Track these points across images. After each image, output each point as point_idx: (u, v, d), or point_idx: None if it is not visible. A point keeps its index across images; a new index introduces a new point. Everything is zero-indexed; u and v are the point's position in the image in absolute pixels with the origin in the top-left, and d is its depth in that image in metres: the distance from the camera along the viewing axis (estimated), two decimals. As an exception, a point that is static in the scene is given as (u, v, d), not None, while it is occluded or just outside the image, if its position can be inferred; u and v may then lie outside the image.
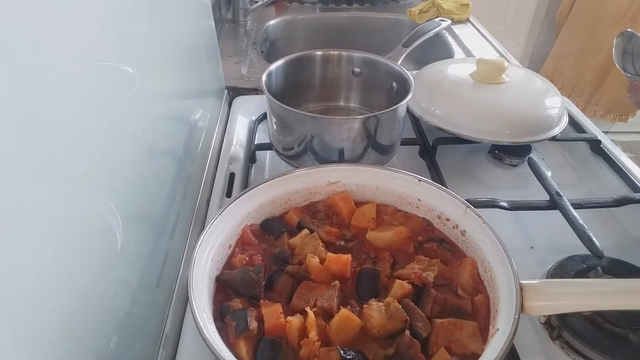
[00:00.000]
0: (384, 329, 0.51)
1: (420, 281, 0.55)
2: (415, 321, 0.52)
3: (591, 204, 0.76)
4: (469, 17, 1.56)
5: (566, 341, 0.60)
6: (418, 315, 0.53)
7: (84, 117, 0.43)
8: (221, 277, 0.58)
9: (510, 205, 0.75)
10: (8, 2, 0.32)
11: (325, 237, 0.62)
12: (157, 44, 0.65)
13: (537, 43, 2.62)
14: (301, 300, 0.55)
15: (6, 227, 0.32)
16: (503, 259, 0.54)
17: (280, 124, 0.81)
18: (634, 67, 0.88)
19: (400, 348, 0.50)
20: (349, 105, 1.00)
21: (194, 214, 0.77)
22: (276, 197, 0.67)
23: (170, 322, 0.61)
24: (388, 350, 0.50)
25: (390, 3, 1.70)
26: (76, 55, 0.42)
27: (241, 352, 0.49)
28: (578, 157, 0.95)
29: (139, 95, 0.56)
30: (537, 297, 0.50)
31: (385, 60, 0.92)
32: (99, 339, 0.45)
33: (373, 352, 0.50)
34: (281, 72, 0.89)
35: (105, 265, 0.46)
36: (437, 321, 0.52)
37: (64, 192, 0.39)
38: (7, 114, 0.32)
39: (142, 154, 0.57)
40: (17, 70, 0.33)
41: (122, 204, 0.50)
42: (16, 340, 0.33)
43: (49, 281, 0.37)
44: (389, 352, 0.50)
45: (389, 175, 0.68)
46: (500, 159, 0.92)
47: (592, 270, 0.65)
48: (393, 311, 0.52)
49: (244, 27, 1.53)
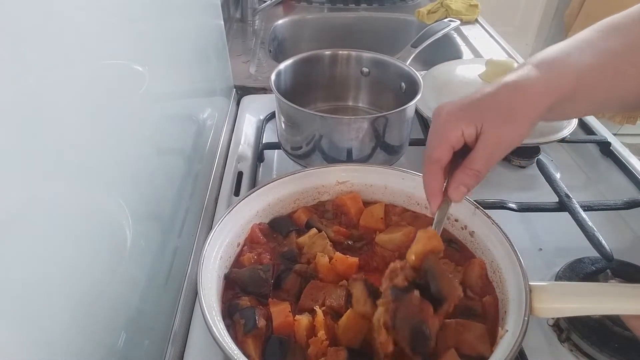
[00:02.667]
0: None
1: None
2: (439, 282, 0.47)
3: (601, 206, 0.76)
4: (477, 18, 1.56)
5: (575, 343, 0.59)
6: (441, 275, 0.48)
7: (94, 116, 0.43)
8: (230, 275, 0.58)
9: (518, 207, 0.74)
10: (20, 2, 0.32)
11: (333, 237, 0.62)
12: (167, 43, 0.66)
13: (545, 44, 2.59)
14: (309, 299, 0.55)
15: (17, 224, 0.32)
16: (512, 260, 0.54)
17: (289, 123, 0.81)
18: None
19: (406, 312, 0.46)
20: (357, 105, 1.00)
21: (202, 212, 0.77)
22: (285, 196, 0.67)
23: (178, 319, 0.62)
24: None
25: (398, 3, 1.70)
26: (87, 54, 0.42)
27: (249, 350, 0.49)
28: (587, 159, 0.95)
29: (148, 93, 0.57)
30: (546, 299, 0.49)
31: (394, 60, 0.91)
32: (108, 335, 0.45)
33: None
34: (290, 71, 0.89)
35: (115, 262, 0.47)
36: (445, 321, 0.52)
37: (75, 189, 0.40)
38: (19, 112, 0.32)
39: (151, 152, 0.57)
40: (29, 69, 0.33)
41: (131, 201, 0.50)
42: (26, 336, 0.33)
43: (59, 278, 0.37)
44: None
45: (398, 175, 0.68)
46: (508, 160, 0.92)
47: (601, 273, 0.64)
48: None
49: (252, 27, 1.53)
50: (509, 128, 0.50)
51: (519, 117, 0.51)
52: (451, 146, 0.51)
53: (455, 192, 0.52)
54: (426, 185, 0.53)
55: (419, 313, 0.47)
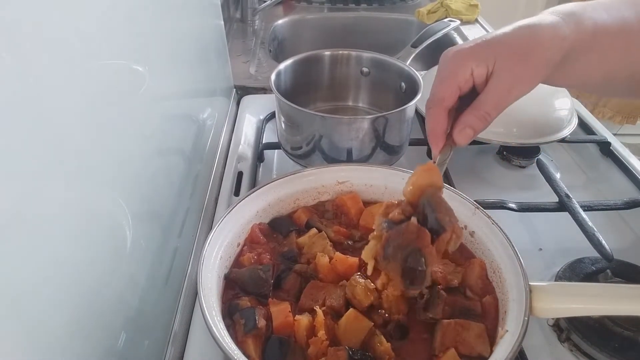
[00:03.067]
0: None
1: (445, 282, 0.55)
2: (438, 213, 0.43)
3: (601, 206, 0.76)
4: (477, 18, 1.56)
5: (575, 344, 0.59)
6: (439, 205, 0.44)
7: (94, 116, 0.43)
8: (230, 275, 0.58)
9: (518, 207, 0.74)
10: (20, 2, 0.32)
11: (333, 237, 0.62)
12: (167, 43, 0.66)
13: (545, 44, 2.60)
14: (309, 299, 0.55)
15: (17, 224, 0.32)
16: (512, 261, 0.54)
17: (289, 123, 0.81)
18: None
19: (401, 240, 0.43)
20: (357, 105, 1.00)
21: (202, 212, 0.77)
22: (285, 196, 0.67)
23: (178, 319, 0.62)
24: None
25: (398, 3, 1.70)
26: (87, 53, 0.42)
27: (249, 350, 0.49)
28: (587, 159, 0.95)
29: (148, 93, 0.57)
30: (547, 299, 0.49)
31: (394, 60, 0.91)
32: (108, 336, 0.45)
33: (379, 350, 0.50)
34: (290, 71, 0.89)
35: (115, 261, 0.47)
36: (444, 321, 0.52)
37: (75, 189, 0.40)
38: (19, 112, 0.32)
39: (151, 151, 0.58)
40: (29, 69, 0.33)
41: (131, 201, 0.50)
42: (26, 337, 0.33)
43: (59, 277, 0.37)
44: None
45: (398, 175, 0.68)
46: (508, 160, 0.92)
47: (601, 273, 0.64)
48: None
49: (252, 27, 1.53)
50: (523, 67, 0.47)
51: (534, 58, 0.47)
52: (458, 86, 0.48)
53: (460, 134, 0.49)
54: (428, 126, 0.50)
55: (415, 240, 0.42)
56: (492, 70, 0.48)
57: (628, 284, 0.62)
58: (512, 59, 0.48)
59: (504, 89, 0.48)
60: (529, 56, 0.48)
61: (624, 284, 0.62)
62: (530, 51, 0.48)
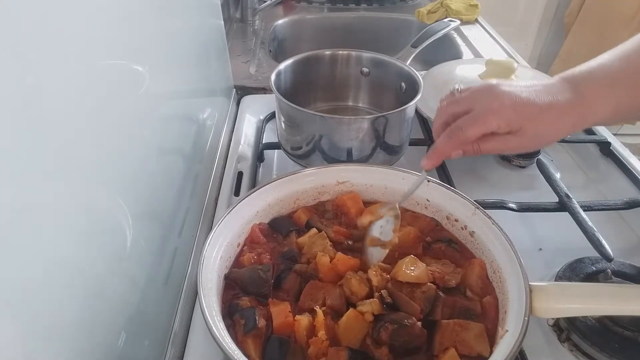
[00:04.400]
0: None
1: (442, 283, 0.55)
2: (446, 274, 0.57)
3: (601, 206, 0.76)
4: (477, 18, 1.56)
5: (575, 344, 0.59)
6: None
7: (94, 116, 0.43)
8: (230, 275, 0.58)
9: (518, 207, 0.74)
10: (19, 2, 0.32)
11: (333, 237, 0.62)
12: (166, 43, 0.65)
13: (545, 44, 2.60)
14: (309, 299, 0.55)
15: (18, 225, 0.32)
16: (512, 261, 0.54)
17: (289, 123, 0.81)
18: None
19: (405, 335, 0.50)
20: (357, 105, 1.00)
21: (202, 212, 0.77)
22: (285, 196, 0.67)
23: (178, 319, 0.62)
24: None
25: (398, 3, 1.70)
26: (86, 54, 0.42)
27: (249, 350, 0.49)
28: (587, 159, 0.95)
29: (148, 93, 0.56)
30: (547, 300, 0.50)
31: (394, 60, 0.91)
32: (108, 336, 0.45)
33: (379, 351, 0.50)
34: (290, 71, 0.89)
35: (115, 262, 0.47)
36: (443, 322, 0.52)
37: (75, 189, 0.40)
38: (19, 112, 0.32)
39: (151, 152, 0.57)
40: (28, 69, 0.33)
41: (131, 201, 0.50)
42: (26, 337, 0.33)
43: (59, 278, 0.37)
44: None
45: (398, 175, 0.68)
46: (508, 160, 0.92)
47: (601, 273, 0.64)
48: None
49: (252, 27, 1.53)
50: (532, 145, 0.59)
51: (547, 141, 0.59)
52: (484, 133, 0.56)
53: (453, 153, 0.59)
54: (439, 148, 0.60)
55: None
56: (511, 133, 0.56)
57: (628, 284, 0.62)
58: (532, 142, 0.58)
59: (508, 149, 0.63)
60: (544, 142, 0.61)
61: (624, 284, 0.62)
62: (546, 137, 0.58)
